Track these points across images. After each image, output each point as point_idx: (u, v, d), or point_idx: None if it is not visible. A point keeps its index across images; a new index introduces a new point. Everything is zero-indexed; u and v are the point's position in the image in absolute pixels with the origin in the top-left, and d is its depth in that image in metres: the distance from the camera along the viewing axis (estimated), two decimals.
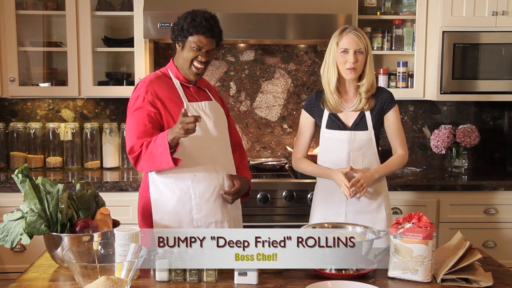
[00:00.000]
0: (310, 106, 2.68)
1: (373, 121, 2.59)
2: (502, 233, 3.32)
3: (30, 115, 3.77)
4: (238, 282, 1.84)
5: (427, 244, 1.86)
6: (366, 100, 2.58)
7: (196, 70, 2.40)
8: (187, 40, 2.37)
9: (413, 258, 1.87)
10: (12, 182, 3.15)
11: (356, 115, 2.59)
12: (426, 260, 1.86)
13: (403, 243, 1.88)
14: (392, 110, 2.63)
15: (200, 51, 2.37)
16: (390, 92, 2.67)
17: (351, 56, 2.51)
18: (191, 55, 2.38)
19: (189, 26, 2.35)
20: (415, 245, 1.87)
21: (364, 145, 2.58)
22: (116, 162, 3.72)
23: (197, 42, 2.36)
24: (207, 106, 2.47)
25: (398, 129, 2.65)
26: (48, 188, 1.99)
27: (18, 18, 3.43)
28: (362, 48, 2.51)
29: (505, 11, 3.41)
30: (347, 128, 2.58)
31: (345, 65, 2.53)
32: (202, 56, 2.38)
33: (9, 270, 3.16)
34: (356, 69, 2.52)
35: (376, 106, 2.60)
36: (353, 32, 2.53)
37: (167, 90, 2.40)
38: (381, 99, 2.62)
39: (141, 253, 1.72)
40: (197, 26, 2.34)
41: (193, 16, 2.37)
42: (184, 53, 2.40)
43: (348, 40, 2.52)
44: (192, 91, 2.48)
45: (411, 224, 1.90)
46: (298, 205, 3.24)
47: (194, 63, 2.39)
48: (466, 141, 3.66)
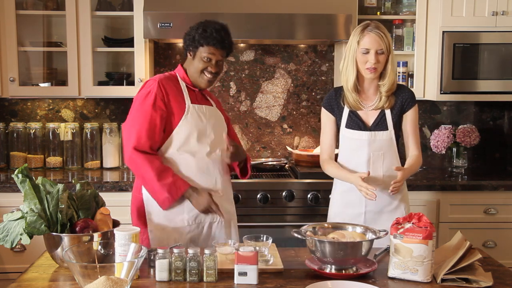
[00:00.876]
0: (329, 103, 2.63)
1: (393, 121, 2.55)
2: (502, 233, 3.32)
3: (30, 115, 3.77)
4: (238, 282, 1.84)
5: (427, 244, 1.86)
6: (386, 99, 2.53)
7: (207, 79, 2.46)
8: (198, 50, 2.43)
9: (413, 258, 1.87)
10: (12, 182, 3.15)
11: (376, 114, 2.55)
12: (426, 260, 1.86)
13: (403, 243, 1.88)
14: (412, 110, 2.58)
15: (210, 62, 2.42)
16: (411, 91, 2.61)
17: (372, 57, 2.45)
18: (201, 66, 2.43)
19: (200, 37, 2.40)
20: (415, 245, 1.87)
21: (385, 145, 2.55)
22: (116, 162, 3.72)
23: (207, 53, 2.40)
24: (209, 110, 2.51)
25: (415, 129, 2.60)
26: (48, 188, 1.99)
27: (18, 18, 3.43)
28: (383, 48, 2.46)
29: (505, 11, 3.41)
30: (367, 129, 2.54)
31: (365, 64, 2.48)
32: (212, 67, 2.43)
33: (9, 270, 3.16)
34: (377, 69, 2.48)
35: (396, 104, 2.56)
36: (375, 31, 2.46)
37: (174, 89, 2.44)
38: (402, 97, 2.57)
39: (141, 253, 1.72)
40: (208, 37, 2.39)
41: (204, 27, 2.41)
42: (195, 63, 2.44)
43: (370, 40, 2.46)
44: (196, 94, 2.52)
45: (411, 224, 1.90)
46: (298, 205, 3.24)
47: (204, 73, 2.45)
48: (466, 141, 3.66)
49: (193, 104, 2.46)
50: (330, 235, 2.02)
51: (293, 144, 3.89)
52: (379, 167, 2.54)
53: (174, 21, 3.23)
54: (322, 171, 2.71)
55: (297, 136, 3.89)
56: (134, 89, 3.46)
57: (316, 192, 3.21)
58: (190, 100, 2.46)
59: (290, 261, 2.07)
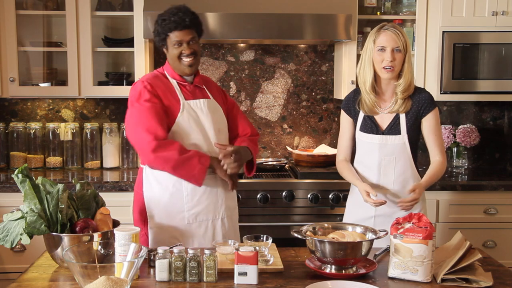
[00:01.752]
0: (347, 105, 2.62)
1: (408, 125, 2.49)
2: (502, 233, 3.32)
3: (30, 115, 3.77)
4: (238, 282, 1.84)
5: (427, 244, 1.86)
6: (402, 101, 2.47)
7: (187, 63, 2.43)
8: (167, 41, 2.43)
9: (413, 258, 1.87)
10: (12, 182, 3.15)
11: (391, 117, 2.50)
12: (426, 260, 1.86)
13: (403, 243, 1.88)
14: (430, 114, 2.49)
15: (181, 45, 2.41)
16: (429, 94, 2.53)
17: (388, 54, 2.41)
18: (176, 52, 2.42)
19: (162, 27, 2.41)
20: (415, 245, 1.87)
21: (397, 150, 2.49)
22: (116, 162, 3.72)
23: (175, 39, 2.40)
24: (205, 104, 2.49)
25: (436, 134, 2.52)
26: (48, 188, 1.99)
27: (18, 18, 3.43)
28: (400, 46, 2.42)
29: (505, 11, 3.41)
30: (380, 132, 2.50)
31: (381, 63, 2.44)
32: (186, 49, 2.41)
33: (9, 270, 3.16)
34: (393, 68, 2.43)
35: (412, 108, 2.49)
36: (391, 29, 2.44)
37: (163, 87, 2.43)
38: (418, 101, 2.49)
39: (141, 253, 1.72)
40: (167, 24, 2.39)
41: (162, 17, 2.42)
42: (170, 53, 2.44)
43: (386, 38, 2.43)
44: (188, 89, 2.49)
45: (411, 224, 1.90)
46: (298, 205, 3.24)
47: (182, 58, 2.43)
48: (466, 141, 3.66)
49: (188, 101, 2.44)
50: (330, 235, 2.02)
51: (293, 144, 3.89)
52: (390, 172, 2.50)
53: None
54: (323, 171, 2.71)
55: (297, 136, 3.89)
56: None
57: (316, 192, 3.21)
58: (184, 97, 2.44)
59: (290, 261, 2.07)
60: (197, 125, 2.43)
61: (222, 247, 2.04)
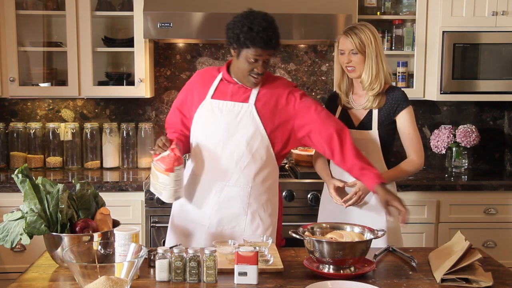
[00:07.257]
0: (329, 101, 2.72)
1: (380, 121, 2.52)
2: (502, 233, 3.32)
3: (30, 115, 3.77)
4: (238, 282, 1.84)
5: (168, 175, 2.26)
6: (373, 98, 2.51)
7: (254, 81, 2.30)
8: (243, 50, 2.25)
9: (158, 182, 2.31)
10: (12, 182, 3.15)
11: (365, 113, 2.55)
12: (168, 187, 2.28)
13: (155, 170, 2.31)
14: (403, 112, 2.51)
15: (257, 62, 2.25)
16: (402, 92, 2.55)
17: (345, 58, 2.51)
18: (247, 67, 2.26)
19: (246, 38, 2.20)
20: (159, 173, 2.28)
21: (368, 145, 2.53)
22: (116, 162, 3.72)
23: (253, 55, 2.23)
24: (231, 107, 2.34)
25: (409, 132, 2.51)
26: (48, 188, 1.99)
27: (18, 18, 3.43)
28: (354, 48, 2.47)
29: (505, 11, 3.41)
30: (353, 127, 2.55)
31: (344, 65, 2.55)
32: (259, 68, 2.26)
33: (9, 270, 3.16)
34: (354, 67, 2.50)
35: (385, 105, 2.52)
36: (347, 32, 2.50)
37: (206, 80, 2.43)
38: (392, 99, 2.52)
39: (141, 253, 1.72)
40: (254, 38, 2.19)
41: (250, 25, 2.20)
42: (240, 63, 2.28)
43: (342, 41, 2.52)
44: (230, 89, 2.37)
45: (168, 153, 2.26)
46: (298, 205, 3.24)
47: (251, 75, 2.28)
48: (466, 141, 3.66)
49: (213, 99, 2.36)
50: (328, 235, 2.02)
51: None
52: None
53: (174, 21, 3.23)
54: None
55: None
56: (134, 89, 3.47)
57: (316, 192, 3.21)
58: (215, 95, 2.36)
59: (290, 261, 2.07)
60: (210, 125, 2.35)
61: (222, 247, 2.04)
